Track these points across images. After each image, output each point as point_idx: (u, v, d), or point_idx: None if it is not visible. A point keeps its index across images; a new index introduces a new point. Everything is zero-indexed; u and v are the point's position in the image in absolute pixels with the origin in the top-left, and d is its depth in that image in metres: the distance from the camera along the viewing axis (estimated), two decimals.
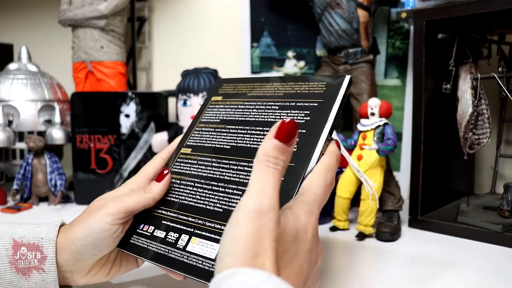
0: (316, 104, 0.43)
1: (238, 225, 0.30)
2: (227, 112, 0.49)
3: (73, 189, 0.85)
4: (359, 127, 0.67)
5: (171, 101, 0.89)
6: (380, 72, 0.91)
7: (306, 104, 0.44)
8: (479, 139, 0.69)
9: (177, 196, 0.45)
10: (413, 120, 0.70)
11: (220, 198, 0.42)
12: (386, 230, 0.63)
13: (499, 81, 0.66)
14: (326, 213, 0.72)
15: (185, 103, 0.82)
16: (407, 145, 0.87)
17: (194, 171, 0.46)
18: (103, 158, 0.84)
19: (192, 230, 0.41)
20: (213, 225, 0.40)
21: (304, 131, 0.42)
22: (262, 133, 0.44)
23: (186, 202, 0.44)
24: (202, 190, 0.44)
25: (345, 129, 0.93)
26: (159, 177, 0.45)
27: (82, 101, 0.85)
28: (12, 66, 0.94)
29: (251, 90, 0.50)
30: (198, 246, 0.39)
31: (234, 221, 0.31)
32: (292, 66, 0.98)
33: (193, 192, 0.44)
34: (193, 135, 0.50)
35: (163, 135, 0.83)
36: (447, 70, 0.69)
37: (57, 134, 0.85)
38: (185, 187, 0.45)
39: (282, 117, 0.44)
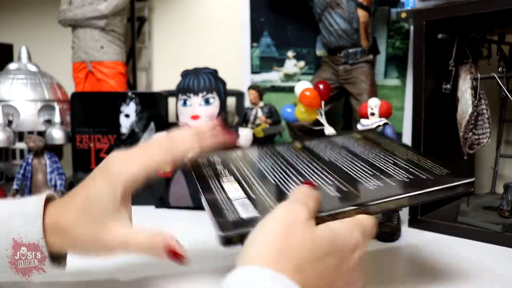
0: (424, 178, 0.44)
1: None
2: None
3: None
4: (359, 127, 0.67)
5: (171, 101, 0.89)
6: (380, 72, 0.91)
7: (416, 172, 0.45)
8: (479, 139, 0.69)
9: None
10: (413, 120, 0.70)
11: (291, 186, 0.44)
12: (386, 230, 0.63)
13: (499, 81, 0.66)
14: None
15: (185, 103, 0.82)
16: None
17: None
18: (103, 158, 0.84)
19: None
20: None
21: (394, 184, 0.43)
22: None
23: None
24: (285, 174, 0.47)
25: (345, 129, 0.93)
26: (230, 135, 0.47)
27: (82, 101, 0.85)
28: (12, 66, 0.94)
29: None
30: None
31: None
32: (292, 66, 0.98)
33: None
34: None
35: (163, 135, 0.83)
36: (447, 70, 0.69)
37: (57, 134, 0.85)
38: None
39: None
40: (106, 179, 0.41)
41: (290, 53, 0.98)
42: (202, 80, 0.82)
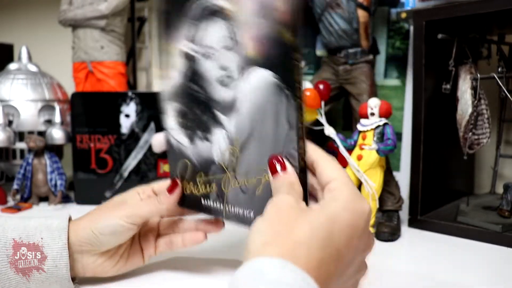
0: None
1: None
2: None
3: (73, 189, 0.85)
4: (359, 127, 0.67)
5: None
6: (380, 72, 0.91)
7: None
8: (478, 139, 0.69)
9: None
10: (413, 120, 0.70)
11: None
12: (386, 230, 0.63)
13: (498, 81, 0.66)
14: None
15: None
16: (407, 145, 0.87)
17: None
18: (103, 158, 0.84)
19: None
20: None
21: None
22: None
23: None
24: None
25: (345, 129, 0.93)
26: (170, 187, 0.48)
27: (82, 101, 0.85)
28: (12, 66, 0.94)
29: None
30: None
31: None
32: None
33: None
34: None
35: (163, 135, 0.83)
36: (447, 70, 0.69)
37: (57, 134, 0.85)
38: None
39: None
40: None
41: None
42: None
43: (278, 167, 0.37)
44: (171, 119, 0.48)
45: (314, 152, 0.38)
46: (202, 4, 0.42)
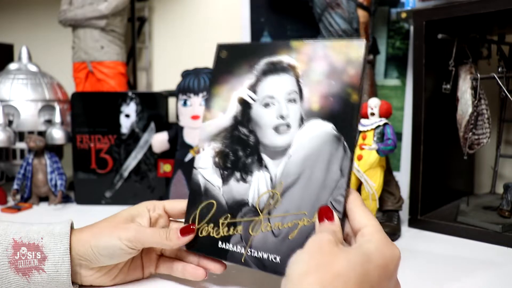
0: None
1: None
2: None
3: (73, 189, 0.85)
4: (359, 127, 0.67)
5: (171, 101, 0.89)
6: (380, 72, 0.91)
7: None
8: (479, 139, 0.69)
9: None
10: (413, 120, 0.70)
11: None
12: (386, 230, 0.63)
13: (498, 81, 0.66)
14: None
15: (185, 103, 0.82)
16: (407, 145, 0.87)
17: None
18: (103, 158, 0.84)
19: None
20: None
21: None
22: None
23: None
24: None
25: None
26: (185, 230, 0.46)
27: (82, 101, 0.85)
28: (12, 66, 0.94)
29: None
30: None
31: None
32: None
33: None
34: None
35: (163, 135, 0.83)
36: (447, 70, 0.69)
37: (57, 134, 0.85)
38: None
39: None
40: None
41: None
42: (202, 80, 0.82)
43: (326, 216, 0.39)
44: (206, 159, 0.48)
45: (352, 200, 0.40)
46: (271, 60, 0.47)
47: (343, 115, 0.42)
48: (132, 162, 0.84)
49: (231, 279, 0.50)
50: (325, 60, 0.44)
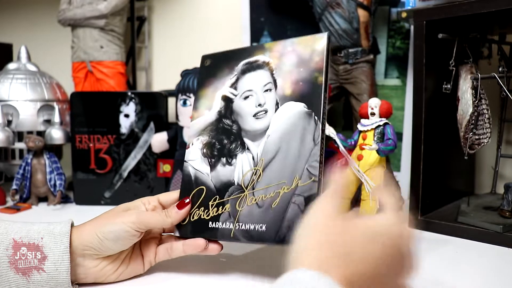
0: None
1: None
2: None
3: (73, 189, 0.85)
4: (359, 127, 0.67)
5: (171, 101, 0.89)
6: (380, 72, 0.91)
7: None
8: (479, 139, 0.69)
9: None
10: (413, 120, 0.69)
11: None
12: None
13: (499, 81, 0.66)
14: None
15: (185, 103, 0.82)
16: (407, 145, 0.87)
17: None
18: (102, 158, 0.84)
19: None
20: None
21: None
22: None
23: None
24: None
25: (345, 129, 0.93)
26: (181, 204, 0.50)
27: (81, 101, 0.84)
28: (11, 66, 0.94)
29: None
30: None
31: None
32: None
33: None
34: None
35: (163, 135, 0.83)
36: (448, 70, 0.68)
37: (56, 134, 0.85)
38: None
39: None
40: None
41: None
42: None
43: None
44: (195, 152, 0.53)
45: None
46: (248, 61, 0.54)
47: (312, 95, 0.48)
48: (131, 162, 0.84)
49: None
50: (294, 53, 0.52)
